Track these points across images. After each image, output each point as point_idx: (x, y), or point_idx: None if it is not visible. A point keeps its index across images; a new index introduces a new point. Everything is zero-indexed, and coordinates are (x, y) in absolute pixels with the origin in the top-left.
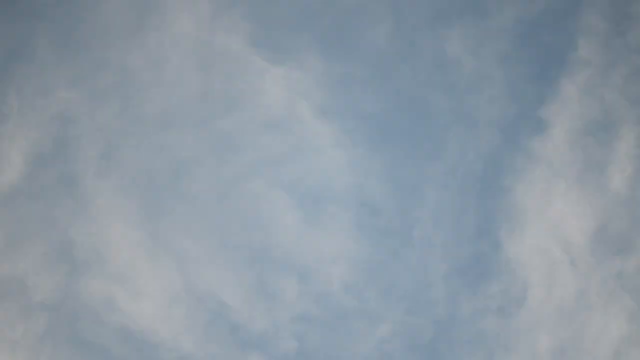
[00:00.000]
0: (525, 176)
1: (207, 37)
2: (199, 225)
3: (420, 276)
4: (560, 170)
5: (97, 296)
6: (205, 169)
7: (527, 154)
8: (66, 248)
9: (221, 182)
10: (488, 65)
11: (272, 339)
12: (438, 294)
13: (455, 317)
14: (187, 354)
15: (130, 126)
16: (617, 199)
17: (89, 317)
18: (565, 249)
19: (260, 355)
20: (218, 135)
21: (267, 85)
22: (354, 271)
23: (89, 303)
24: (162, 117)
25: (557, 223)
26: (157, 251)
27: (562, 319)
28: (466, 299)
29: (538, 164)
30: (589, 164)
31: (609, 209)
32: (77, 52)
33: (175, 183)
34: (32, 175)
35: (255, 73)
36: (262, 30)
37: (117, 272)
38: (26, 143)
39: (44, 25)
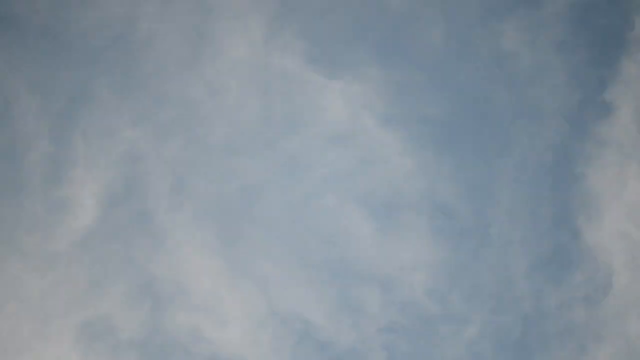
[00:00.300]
0: (596, 161)
1: (262, 60)
2: (276, 247)
3: (502, 274)
4: (631, 151)
5: (183, 328)
6: (276, 191)
7: (595, 139)
8: (148, 284)
9: (293, 201)
10: (546, 55)
11: (360, 353)
12: (522, 290)
13: (542, 311)
14: None
15: (197, 157)
16: None
17: (177, 350)
18: None
19: None
20: (285, 155)
21: (328, 101)
22: (435, 276)
23: (175, 335)
24: (227, 144)
25: (634, 205)
26: (238, 277)
27: None
28: (551, 292)
29: (608, 147)
30: None
31: None
32: (137, 90)
33: (247, 207)
34: (107, 216)
35: (315, 90)
36: (316, 46)
37: (200, 302)
38: (97, 185)
39: (102, 68)
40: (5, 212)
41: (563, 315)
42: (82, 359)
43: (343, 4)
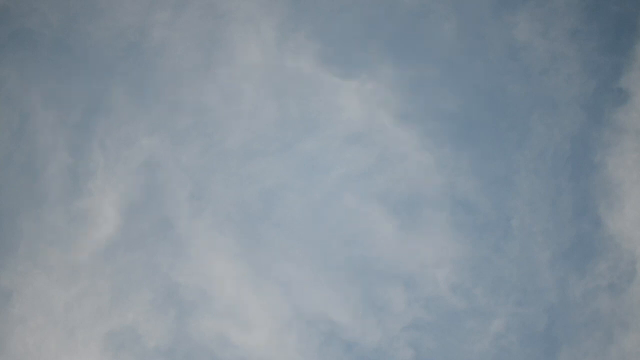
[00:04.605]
0: (614, 149)
1: (276, 63)
2: (298, 249)
3: (526, 266)
4: None
5: (209, 334)
6: (295, 193)
7: (613, 126)
8: (172, 291)
9: (313, 202)
10: (560, 44)
11: (387, 351)
12: (546, 281)
13: (567, 301)
14: None
15: (215, 162)
16: None
17: (203, 356)
18: None
19: None
20: (302, 157)
21: (343, 101)
22: (458, 271)
23: (201, 342)
24: (245, 148)
25: None
26: (261, 281)
27: None
28: (575, 282)
29: (626, 134)
30: None
31: None
32: (153, 98)
33: (267, 211)
34: (128, 225)
35: (329, 90)
36: (329, 47)
37: (225, 308)
38: (117, 195)
39: (116, 78)
40: (27, 226)
41: (588, 304)
42: None
43: (354, 3)
